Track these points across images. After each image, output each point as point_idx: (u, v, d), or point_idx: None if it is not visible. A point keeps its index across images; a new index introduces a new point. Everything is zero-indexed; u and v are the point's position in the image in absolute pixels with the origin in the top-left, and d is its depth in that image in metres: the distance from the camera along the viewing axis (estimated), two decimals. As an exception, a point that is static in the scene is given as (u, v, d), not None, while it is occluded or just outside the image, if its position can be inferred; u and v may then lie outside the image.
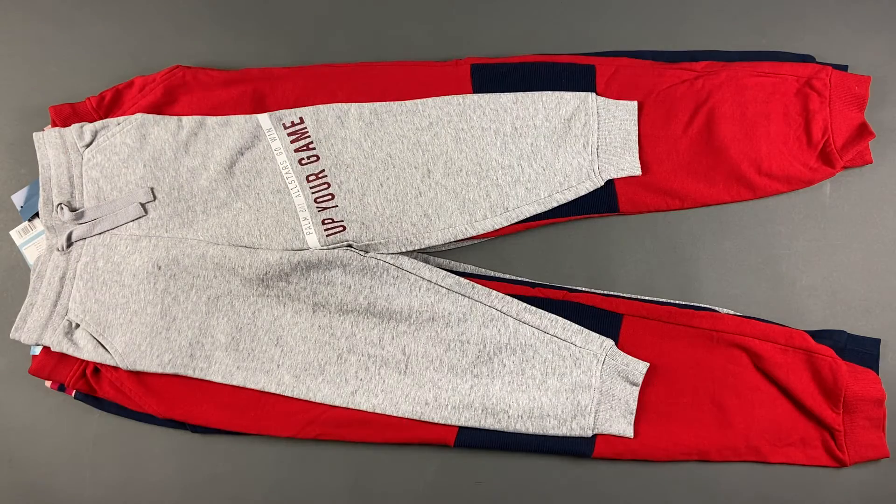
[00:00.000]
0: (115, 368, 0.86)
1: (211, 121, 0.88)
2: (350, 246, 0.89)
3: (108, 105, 0.89)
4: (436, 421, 0.86)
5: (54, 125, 0.89)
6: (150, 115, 0.88)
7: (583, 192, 0.89)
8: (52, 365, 0.86)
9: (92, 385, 0.87)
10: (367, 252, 0.89)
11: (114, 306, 0.86)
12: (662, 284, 0.92)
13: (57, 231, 0.87)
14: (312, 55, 0.94)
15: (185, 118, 0.88)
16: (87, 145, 0.87)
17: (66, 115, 0.89)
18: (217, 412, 0.87)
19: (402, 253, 0.90)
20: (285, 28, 0.96)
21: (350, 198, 0.89)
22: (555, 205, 0.89)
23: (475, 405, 0.86)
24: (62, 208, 0.86)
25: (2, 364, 0.92)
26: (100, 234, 0.87)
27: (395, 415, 0.86)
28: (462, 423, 0.86)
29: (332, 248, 0.88)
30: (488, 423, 0.86)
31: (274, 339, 0.88)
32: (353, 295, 0.88)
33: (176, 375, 0.87)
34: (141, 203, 0.87)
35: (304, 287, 0.88)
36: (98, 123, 0.88)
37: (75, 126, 0.87)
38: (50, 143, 0.87)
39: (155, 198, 0.87)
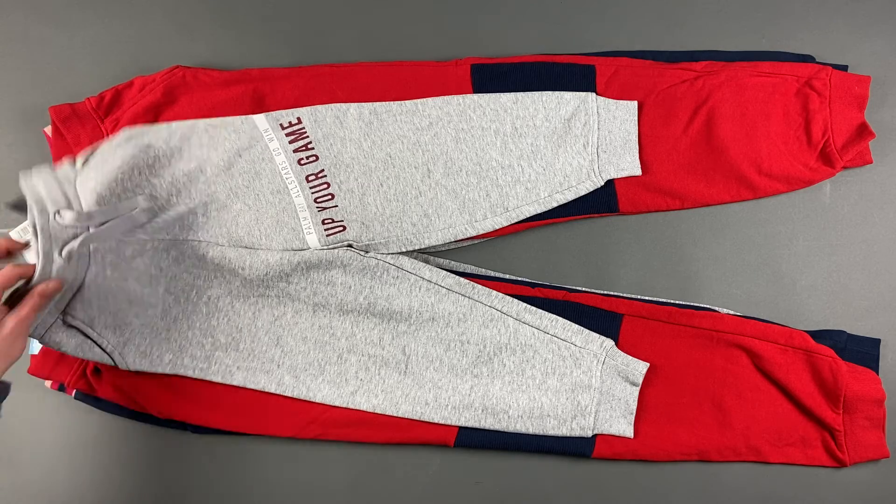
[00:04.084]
0: (115, 368, 0.86)
1: (203, 123, 0.88)
2: (350, 246, 0.89)
3: (108, 105, 0.89)
4: (436, 421, 0.86)
5: (54, 125, 0.88)
6: (138, 128, 0.87)
7: (583, 192, 0.88)
8: (52, 365, 0.86)
9: (92, 385, 0.87)
10: (367, 252, 0.89)
11: (115, 308, 0.86)
12: (662, 284, 0.92)
13: (55, 237, 0.83)
14: (312, 55, 0.94)
15: (175, 123, 0.88)
16: (79, 170, 0.85)
17: (65, 116, 0.88)
18: (217, 412, 0.87)
19: (402, 253, 0.90)
20: (285, 28, 0.96)
21: (350, 198, 0.89)
22: (555, 205, 0.89)
23: (475, 405, 0.86)
24: (59, 213, 0.83)
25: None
26: (100, 238, 0.86)
27: (395, 415, 0.86)
28: (462, 423, 0.86)
29: (332, 248, 0.88)
30: (488, 423, 0.86)
31: (274, 339, 0.88)
32: (353, 295, 0.88)
33: (176, 375, 0.87)
34: (141, 208, 0.86)
35: (305, 287, 0.88)
36: (85, 152, 0.85)
37: (66, 164, 0.84)
38: (38, 175, 0.83)
39: (154, 202, 0.87)
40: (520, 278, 0.92)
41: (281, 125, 0.88)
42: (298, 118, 0.88)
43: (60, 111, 0.88)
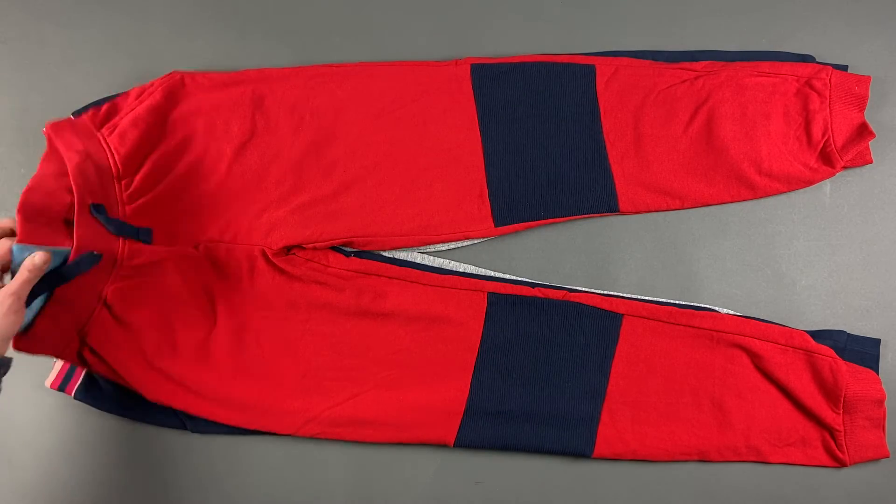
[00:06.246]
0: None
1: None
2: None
3: (104, 116, 0.85)
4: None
5: (49, 140, 0.84)
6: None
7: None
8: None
9: (87, 361, 0.81)
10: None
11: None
12: (662, 284, 0.92)
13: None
14: (312, 55, 0.94)
15: None
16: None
17: (60, 128, 0.83)
18: (216, 409, 0.87)
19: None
20: (285, 28, 0.96)
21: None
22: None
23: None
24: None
25: (2, 364, 0.92)
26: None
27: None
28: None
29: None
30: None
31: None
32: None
33: (176, 372, 0.86)
34: None
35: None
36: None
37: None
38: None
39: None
40: (520, 278, 0.91)
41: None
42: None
43: (56, 126, 0.82)
